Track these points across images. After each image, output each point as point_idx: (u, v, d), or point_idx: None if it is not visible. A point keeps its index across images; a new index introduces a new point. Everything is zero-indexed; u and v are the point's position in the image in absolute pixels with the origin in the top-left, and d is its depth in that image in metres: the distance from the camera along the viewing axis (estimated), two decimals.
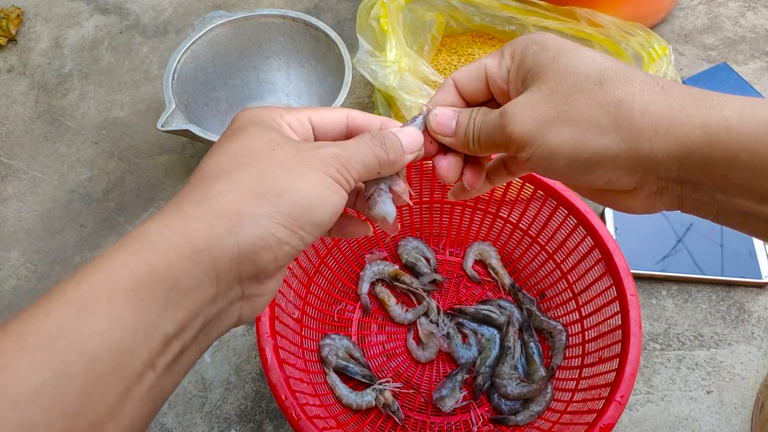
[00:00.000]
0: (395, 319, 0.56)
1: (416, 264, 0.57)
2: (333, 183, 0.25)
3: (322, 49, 0.63)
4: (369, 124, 0.30)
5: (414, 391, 0.52)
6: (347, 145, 0.27)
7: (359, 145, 0.27)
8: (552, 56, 0.26)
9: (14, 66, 0.78)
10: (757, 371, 0.53)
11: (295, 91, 0.69)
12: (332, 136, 0.30)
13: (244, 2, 0.85)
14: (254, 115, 0.27)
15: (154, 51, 0.80)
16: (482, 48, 0.70)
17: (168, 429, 0.51)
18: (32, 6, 0.85)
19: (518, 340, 0.52)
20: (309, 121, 0.29)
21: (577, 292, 0.52)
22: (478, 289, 0.58)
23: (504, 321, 0.53)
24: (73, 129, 0.72)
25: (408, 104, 0.59)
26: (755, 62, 0.74)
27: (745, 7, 0.80)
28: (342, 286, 0.57)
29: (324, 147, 0.26)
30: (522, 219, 0.55)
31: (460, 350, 0.53)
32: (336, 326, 0.55)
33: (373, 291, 0.57)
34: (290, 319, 0.48)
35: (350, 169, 0.26)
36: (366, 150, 0.27)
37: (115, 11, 0.84)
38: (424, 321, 0.54)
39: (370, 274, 0.57)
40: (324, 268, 0.54)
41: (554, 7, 0.67)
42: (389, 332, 0.56)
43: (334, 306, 0.55)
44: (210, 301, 0.23)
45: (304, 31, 0.63)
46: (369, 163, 0.27)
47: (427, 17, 0.70)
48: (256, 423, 0.51)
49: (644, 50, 0.61)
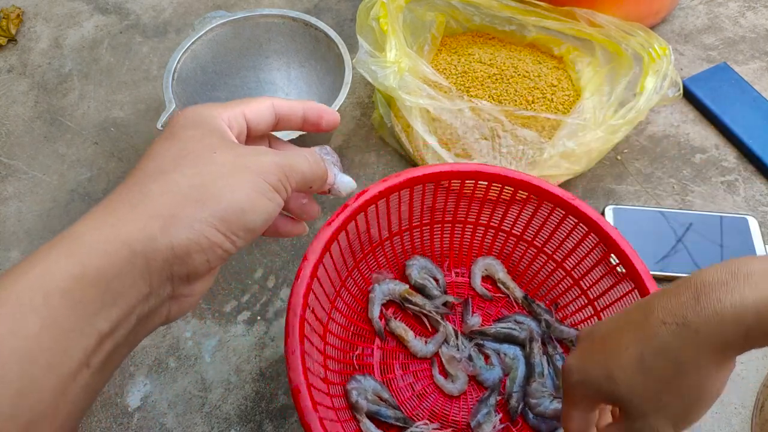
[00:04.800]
0: (417, 354, 0.53)
1: (425, 286, 0.55)
2: (270, 190, 0.26)
3: (322, 49, 0.63)
4: (293, 111, 0.31)
5: (453, 429, 0.50)
6: (289, 155, 0.28)
7: (300, 157, 0.29)
8: None
9: (14, 66, 0.78)
10: (758, 371, 0.53)
11: (295, 90, 0.68)
12: (264, 127, 0.30)
13: (244, 2, 0.85)
14: (195, 115, 0.27)
15: (154, 51, 0.80)
16: (482, 48, 0.70)
17: (168, 429, 0.51)
18: (32, 6, 0.85)
19: (543, 356, 0.51)
20: (243, 117, 0.29)
21: (592, 297, 0.51)
22: (491, 308, 0.56)
23: (525, 337, 0.52)
24: (73, 129, 0.72)
25: (408, 104, 0.59)
26: (755, 62, 0.74)
27: (745, 7, 0.80)
28: (356, 329, 0.53)
29: (266, 154, 0.27)
30: (526, 231, 0.54)
31: (484, 372, 0.51)
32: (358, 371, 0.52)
33: (389, 326, 0.54)
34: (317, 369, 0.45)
35: (290, 178, 0.27)
36: (306, 164, 0.29)
37: (115, 11, 0.84)
38: (444, 349, 0.52)
39: (380, 295, 0.54)
40: (336, 313, 0.51)
41: (554, 8, 0.67)
42: (414, 370, 0.53)
43: (351, 353, 0.52)
44: (143, 299, 0.23)
45: (304, 31, 0.63)
46: (307, 176, 0.29)
47: (427, 17, 0.70)
48: (256, 423, 0.51)
49: (644, 50, 0.61)
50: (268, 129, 0.31)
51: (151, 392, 0.53)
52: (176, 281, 0.24)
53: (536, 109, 0.64)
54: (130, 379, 0.54)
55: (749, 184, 0.64)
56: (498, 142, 0.60)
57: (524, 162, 0.60)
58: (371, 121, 0.70)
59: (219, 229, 0.24)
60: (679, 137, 0.68)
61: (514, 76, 0.66)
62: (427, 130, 0.62)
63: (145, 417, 0.52)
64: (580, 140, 0.57)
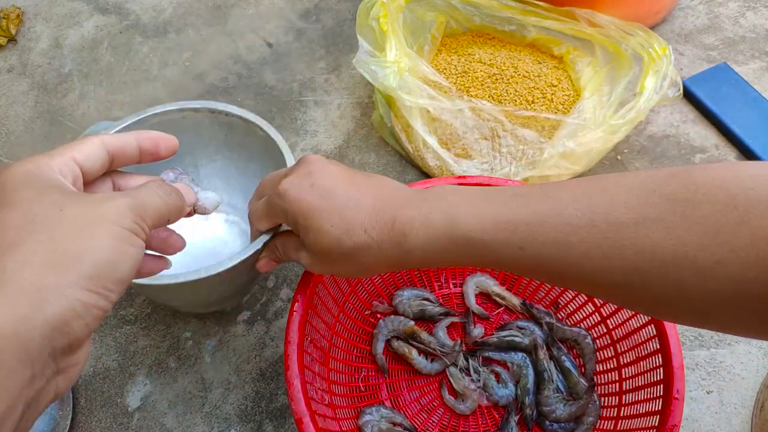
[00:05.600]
0: (422, 371, 0.52)
1: (424, 310, 0.54)
2: (131, 235, 0.25)
3: (238, 136, 0.52)
4: (126, 145, 0.30)
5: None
6: (140, 194, 0.27)
7: (151, 193, 0.28)
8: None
9: (14, 66, 0.78)
10: (757, 371, 0.53)
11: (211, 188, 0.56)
12: (98, 168, 0.29)
13: (243, 2, 0.85)
14: (24, 173, 0.25)
15: (154, 51, 0.80)
16: (482, 48, 0.70)
17: (168, 429, 0.51)
18: (32, 6, 0.85)
19: (550, 361, 0.51)
20: (74, 162, 0.28)
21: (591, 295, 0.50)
22: (494, 317, 0.55)
23: (529, 343, 0.52)
24: (74, 129, 0.72)
25: (408, 104, 0.59)
26: (755, 62, 0.74)
27: (745, 7, 0.80)
28: (358, 351, 0.53)
29: (116, 198, 0.26)
30: None
31: (498, 391, 0.51)
32: (366, 396, 0.51)
33: (391, 347, 0.53)
34: (322, 406, 0.45)
35: (145, 217, 0.27)
36: (159, 199, 0.28)
37: (115, 11, 0.84)
38: (453, 371, 0.52)
39: (385, 331, 0.53)
40: (337, 338, 0.50)
41: (554, 8, 0.67)
42: (420, 386, 0.52)
43: (356, 375, 0.52)
44: (26, 384, 0.21)
45: (210, 120, 0.52)
46: (162, 212, 0.28)
47: (427, 17, 0.70)
48: (256, 423, 0.51)
49: (644, 50, 0.61)
50: (103, 169, 0.30)
51: (151, 392, 0.53)
52: (59, 355, 0.23)
53: (536, 109, 0.64)
54: (130, 379, 0.54)
55: None
56: (498, 142, 0.60)
57: (524, 162, 0.60)
58: (371, 121, 0.70)
59: (90, 288, 0.23)
60: (679, 137, 0.68)
61: (514, 76, 0.67)
62: (427, 130, 0.62)
63: (145, 417, 0.52)
64: (580, 140, 0.57)
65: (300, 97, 0.74)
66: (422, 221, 0.33)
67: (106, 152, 0.29)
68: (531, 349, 0.52)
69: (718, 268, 0.25)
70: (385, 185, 0.37)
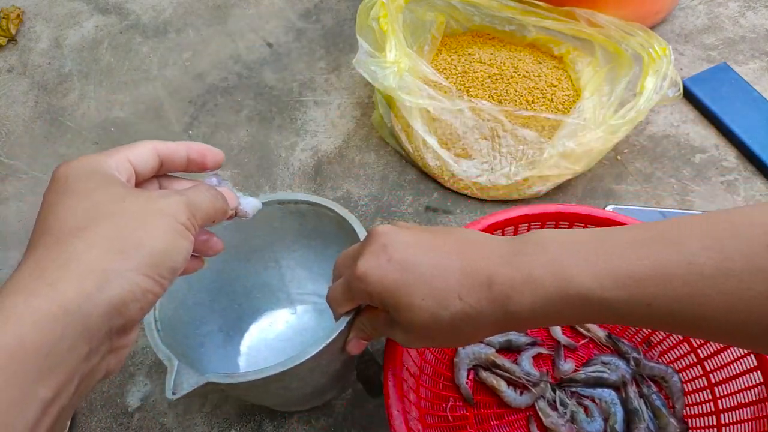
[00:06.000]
0: (510, 404, 0.50)
1: (510, 340, 0.52)
2: (184, 230, 0.27)
3: (312, 222, 0.51)
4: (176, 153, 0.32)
5: None
6: (191, 194, 0.29)
7: (200, 194, 0.30)
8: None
9: (14, 66, 0.78)
10: None
11: (295, 281, 0.56)
12: (148, 170, 0.31)
13: (243, 2, 0.85)
14: (85, 166, 0.28)
15: (154, 51, 0.80)
16: (482, 48, 0.70)
17: (168, 429, 0.51)
18: (32, 6, 0.85)
19: (641, 399, 0.49)
20: (129, 162, 0.30)
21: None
22: (582, 349, 0.54)
23: (617, 379, 0.50)
24: (73, 129, 0.72)
25: (408, 104, 0.59)
26: (755, 62, 0.74)
27: (745, 7, 0.80)
28: (444, 378, 0.51)
29: (172, 195, 0.28)
30: None
31: (587, 426, 0.49)
32: (454, 427, 0.49)
33: (478, 377, 0.52)
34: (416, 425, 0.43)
35: (197, 216, 0.29)
36: (208, 200, 0.30)
37: (115, 11, 0.84)
38: (543, 405, 0.50)
39: (466, 360, 0.52)
40: (425, 365, 0.49)
41: (554, 8, 0.67)
42: (509, 420, 0.50)
43: (444, 404, 0.50)
44: (84, 359, 0.23)
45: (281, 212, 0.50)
46: (210, 212, 0.30)
47: (427, 17, 0.70)
48: (256, 423, 0.51)
49: (644, 50, 0.61)
50: (153, 172, 0.31)
51: (151, 392, 0.53)
52: (114, 335, 0.25)
53: (536, 109, 0.64)
54: (130, 379, 0.54)
55: (749, 184, 0.64)
56: (498, 142, 0.60)
57: (524, 162, 0.60)
58: (371, 121, 0.70)
59: (148, 275, 0.25)
60: (679, 137, 0.68)
61: (514, 76, 0.67)
62: (426, 130, 0.62)
63: (145, 417, 0.52)
64: (580, 140, 0.57)
65: (300, 97, 0.74)
66: (524, 280, 0.30)
67: (157, 157, 0.31)
68: (619, 386, 0.50)
69: None
70: (468, 240, 0.34)
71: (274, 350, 0.54)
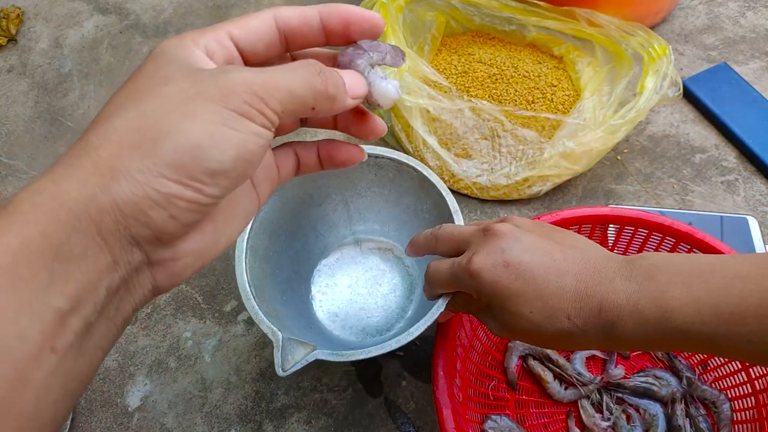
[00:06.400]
0: (553, 396, 0.51)
1: None
2: (237, 118, 0.21)
3: (389, 175, 0.52)
4: (306, 20, 0.24)
5: None
6: (268, 69, 0.22)
7: (286, 70, 0.22)
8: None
9: (14, 66, 0.78)
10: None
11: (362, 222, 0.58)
12: (263, 48, 0.24)
13: (244, 2, 0.85)
14: (159, 49, 0.22)
15: None
16: (482, 48, 0.70)
17: (168, 429, 0.51)
18: (32, 6, 0.85)
19: (687, 418, 0.49)
20: (230, 38, 0.23)
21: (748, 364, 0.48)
22: (636, 360, 0.54)
23: (666, 394, 0.50)
24: (74, 129, 0.72)
25: (408, 104, 0.59)
26: (755, 62, 0.74)
27: (745, 7, 0.80)
28: (492, 359, 0.52)
29: (231, 72, 0.21)
30: None
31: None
32: (493, 405, 0.50)
33: (526, 364, 0.52)
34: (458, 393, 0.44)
35: (268, 98, 0.21)
36: (295, 76, 0.22)
37: (115, 11, 0.84)
38: (586, 404, 0.50)
39: (521, 348, 0.52)
40: (476, 341, 0.50)
41: (554, 8, 0.67)
42: (548, 411, 0.51)
43: (488, 382, 0.51)
44: (107, 269, 0.20)
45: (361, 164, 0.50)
46: (298, 92, 0.22)
47: (427, 17, 0.70)
48: (256, 423, 0.51)
49: (644, 50, 0.61)
50: (273, 50, 0.24)
51: (151, 392, 0.53)
52: (145, 245, 0.21)
53: (536, 109, 0.64)
54: (130, 379, 0.54)
55: (749, 184, 0.64)
56: (498, 142, 0.60)
57: (524, 162, 0.60)
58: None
59: (170, 177, 0.20)
60: (679, 137, 0.68)
61: (514, 76, 0.67)
62: (426, 130, 0.62)
63: (145, 417, 0.52)
64: (580, 140, 0.57)
65: None
66: (631, 311, 0.30)
67: (276, 29, 0.24)
68: (667, 401, 0.50)
69: None
70: (587, 260, 0.33)
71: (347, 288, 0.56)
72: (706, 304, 0.28)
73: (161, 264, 0.22)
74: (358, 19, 0.25)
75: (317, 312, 0.54)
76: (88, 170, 0.19)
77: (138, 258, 0.21)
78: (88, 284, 0.19)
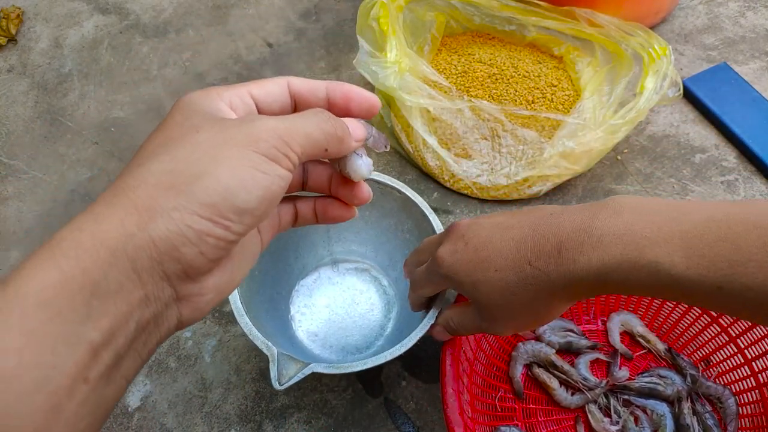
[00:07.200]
0: (561, 402, 0.51)
1: (571, 342, 0.52)
2: (265, 162, 0.22)
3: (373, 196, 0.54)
4: (313, 91, 0.27)
5: None
6: (288, 117, 0.24)
7: (301, 117, 0.25)
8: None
9: (14, 66, 0.78)
10: None
11: (341, 242, 0.58)
12: (277, 108, 0.27)
13: (244, 2, 0.85)
14: (186, 100, 0.25)
15: (154, 51, 0.80)
16: (482, 48, 0.70)
17: (168, 429, 0.51)
18: (32, 6, 0.85)
19: (694, 416, 0.49)
20: (250, 96, 0.26)
21: (750, 357, 0.49)
22: (639, 360, 0.53)
23: (672, 393, 0.50)
24: (73, 129, 0.72)
25: (408, 104, 0.59)
26: (755, 62, 0.74)
27: (745, 7, 0.80)
28: (497, 369, 0.52)
29: (256, 120, 0.23)
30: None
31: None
32: (501, 417, 0.50)
33: (531, 372, 0.52)
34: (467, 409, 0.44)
35: (291, 143, 0.23)
36: (310, 122, 0.24)
37: (115, 11, 0.84)
38: (594, 409, 0.50)
39: (524, 355, 0.52)
40: (480, 353, 0.50)
41: (554, 8, 0.67)
42: (557, 418, 0.51)
43: (494, 393, 0.50)
44: (138, 304, 0.21)
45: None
46: (314, 135, 0.24)
47: (427, 17, 0.70)
48: (256, 423, 0.51)
49: (644, 50, 0.61)
50: (283, 111, 0.27)
51: (151, 392, 0.53)
52: (175, 280, 0.22)
53: (536, 109, 0.64)
54: None
55: (749, 184, 0.64)
56: (498, 142, 0.60)
57: (524, 162, 0.60)
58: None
59: (202, 215, 0.21)
60: (679, 137, 0.68)
61: (514, 76, 0.67)
62: (426, 129, 0.62)
63: (145, 417, 0.52)
64: (580, 140, 0.57)
65: None
66: (593, 245, 0.29)
67: (288, 94, 0.27)
68: (673, 400, 0.50)
69: None
70: (544, 214, 0.33)
71: (325, 307, 0.56)
72: (677, 245, 0.27)
73: (188, 299, 0.23)
74: (358, 98, 0.28)
75: (297, 331, 0.54)
76: (126, 209, 0.21)
77: (168, 293, 0.22)
78: (122, 318, 0.21)
